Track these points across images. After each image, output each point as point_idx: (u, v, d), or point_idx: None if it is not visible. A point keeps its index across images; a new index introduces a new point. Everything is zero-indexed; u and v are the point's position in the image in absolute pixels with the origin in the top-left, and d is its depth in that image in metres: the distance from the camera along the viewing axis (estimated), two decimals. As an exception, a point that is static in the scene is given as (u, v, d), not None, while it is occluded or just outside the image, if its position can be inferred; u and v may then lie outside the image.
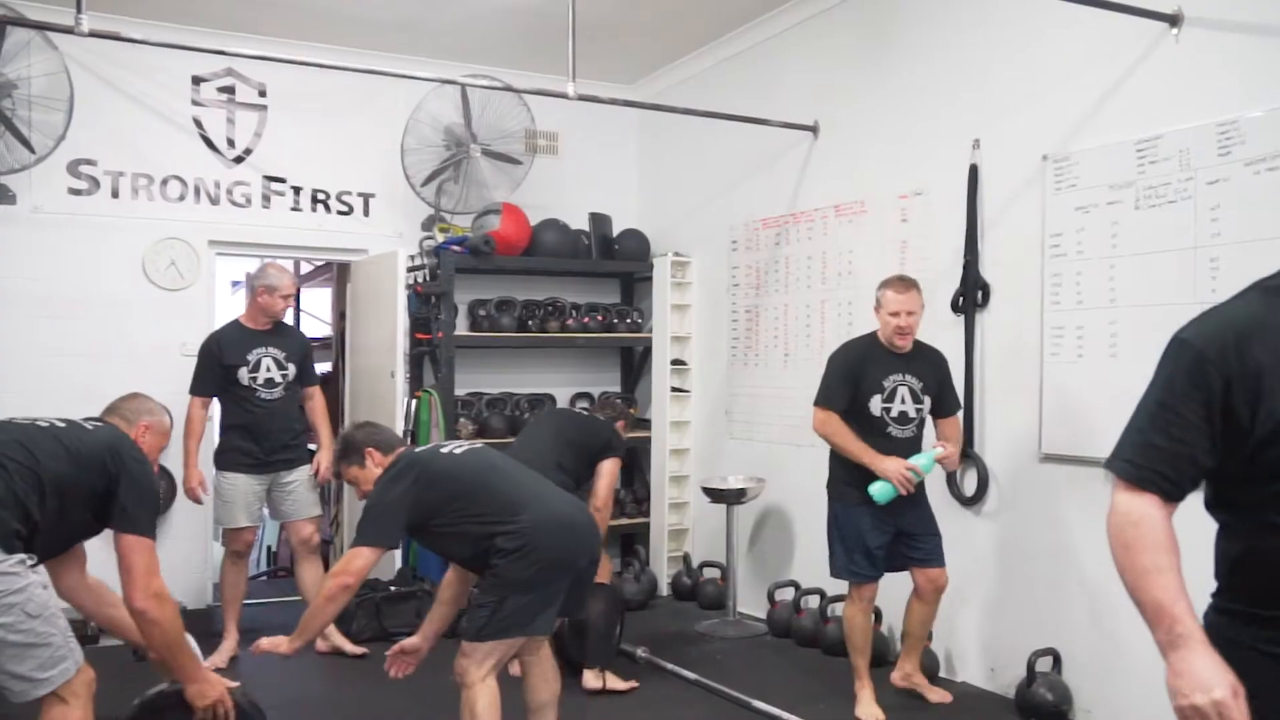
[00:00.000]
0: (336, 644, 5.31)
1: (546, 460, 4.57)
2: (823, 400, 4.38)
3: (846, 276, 5.54)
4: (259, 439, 5.14)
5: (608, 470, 4.89)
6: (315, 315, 9.40)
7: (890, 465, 4.18)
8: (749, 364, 6.28)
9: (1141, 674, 4.02)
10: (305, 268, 8.86)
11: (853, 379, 4.33)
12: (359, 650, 5.31)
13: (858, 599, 4.42)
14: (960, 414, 4.48)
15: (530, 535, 3.22)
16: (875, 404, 4.29)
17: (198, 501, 5.14)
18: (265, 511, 5.46)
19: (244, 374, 5.12)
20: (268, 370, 5.17)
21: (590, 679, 4.63)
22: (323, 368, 8.02)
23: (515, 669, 4.50)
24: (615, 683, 4.67)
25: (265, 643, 3.40)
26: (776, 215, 6.06)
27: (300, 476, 5.28)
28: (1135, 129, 4.05)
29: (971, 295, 4.73)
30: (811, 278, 5.79)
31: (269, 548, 8.87)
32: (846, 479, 4.35)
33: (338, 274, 7.31)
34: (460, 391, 6.65)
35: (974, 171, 4.76)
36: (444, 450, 3.51)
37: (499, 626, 3.22)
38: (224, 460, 5.17)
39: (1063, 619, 4.36)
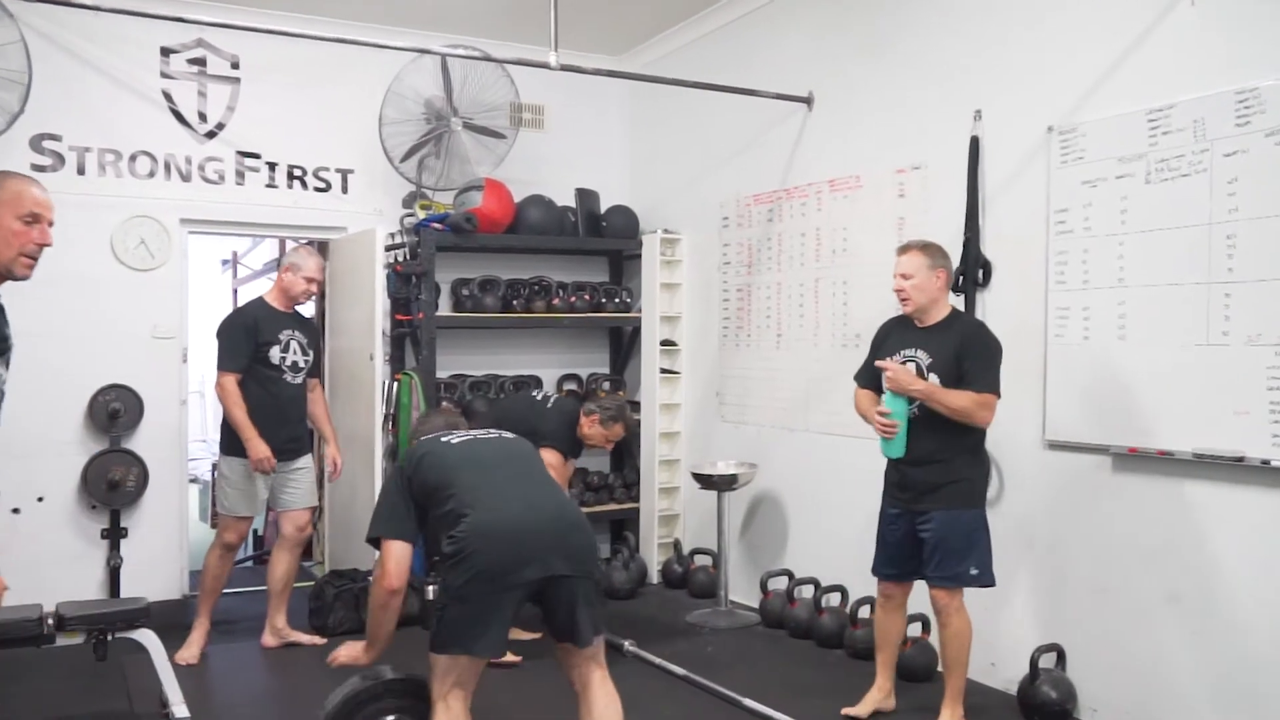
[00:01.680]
0: (292, 639, 5.13)
1: None
2: (857, 377, 4.24)
3: (841, 254, 5.32)
4: (280, 424, 4.96)
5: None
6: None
7: (871, 417, 4.02)
8: (740, 345, 6.07)
9: (1149, 671, 3.86)
10: (290, 246, 8.64)
11: (875, 353, 4.15)
12: (317, 640, 5.15)
13: (879, 595, 4.22)
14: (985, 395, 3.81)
15: (466, 540, 2.96)
16: (885, 379, 4.06)
17: (272, 471, 4.93)
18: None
19: (275, 353, 4.96)
20: (295, 352, 5.03)
21: None
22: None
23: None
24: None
25: (344, 655, 3.27)
26: (769, 191, 5.84)
27: (306, 464, 5.12)
28: (1147, 98, 3.83)
29: (972, 274, 4.52)
30: (805, 255, 5.57)
31: (255, 531, 8.67)
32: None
33: (319, 252, 7.08)
34: (443, 374, 6.45)
35: (975, 144, 4.54)
36: (444, 439, 3.33)
37: (440, 640, 3.01)
38: (238, 446, 4.91)
39: (1067, 613, 4.18)
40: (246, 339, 4.91)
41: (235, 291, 11.88)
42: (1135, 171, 3.86)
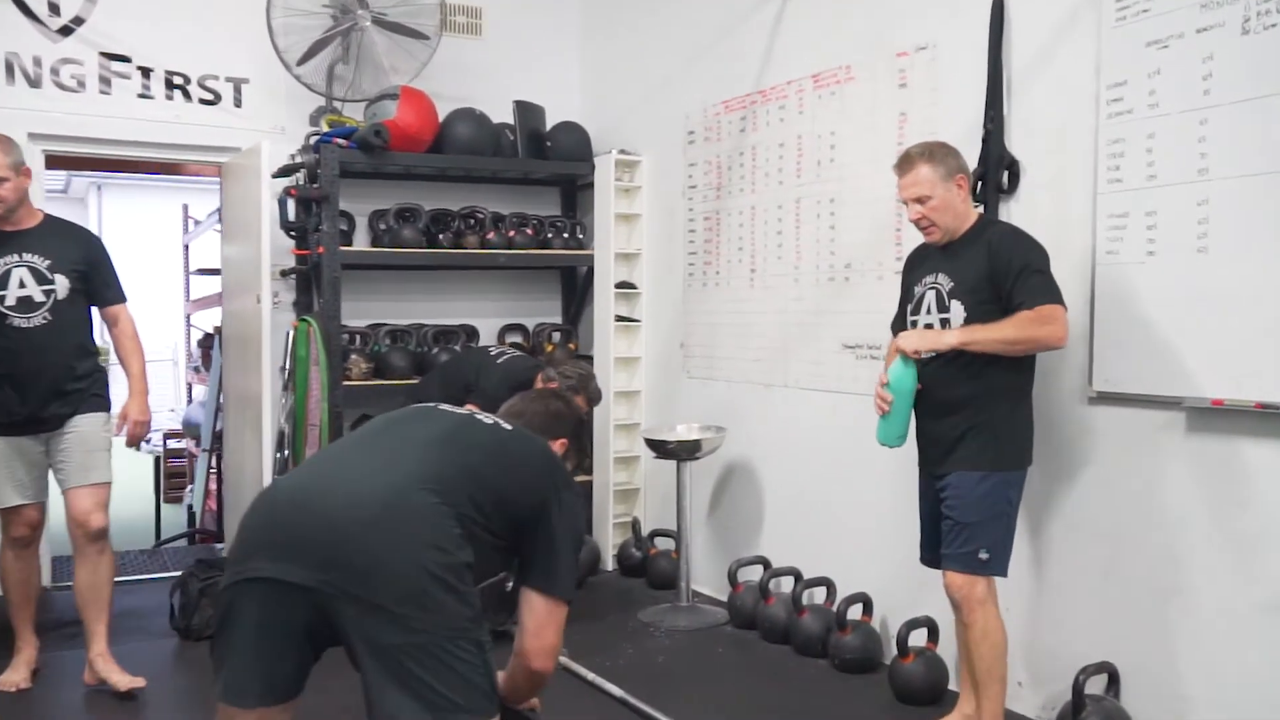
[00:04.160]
0: (101, 675, 3.76)
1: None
2: (891, 324, 3.36)
3: (827, 165, 4.27)
4: (20, 386, 3.66)
5: None
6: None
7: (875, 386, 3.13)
8: (709, 284, 5.02)
9: (1237, 701, 2.84)
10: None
11: (905, 288, 3.24)
12: (137, 683, 3.72)
13: None
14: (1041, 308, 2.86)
15: None
16: (908, 318, 3.18)
17: None
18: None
19: None
20: (20, 286, 3.64)
21: None
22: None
23: None
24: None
25: None
26: (741, 95, 4.77)
27: (80, 428, 3.76)
28: (1244, -87, 2.76)
29: (994, 177, 3.47)
30: (784, 170, 4.51)
31: (189, 508, 7.75)
32: None
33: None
34: (359, 322, 5.45)
35: (999, 10, 3.49)
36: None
37: None
38: None
39: (1122, 623, 3.15)
40: None
41: (186, 248, 10.94)
42: (1226, 19, 2.80)
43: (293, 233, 5.12)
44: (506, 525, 2.12)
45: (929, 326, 3.05)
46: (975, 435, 2.97)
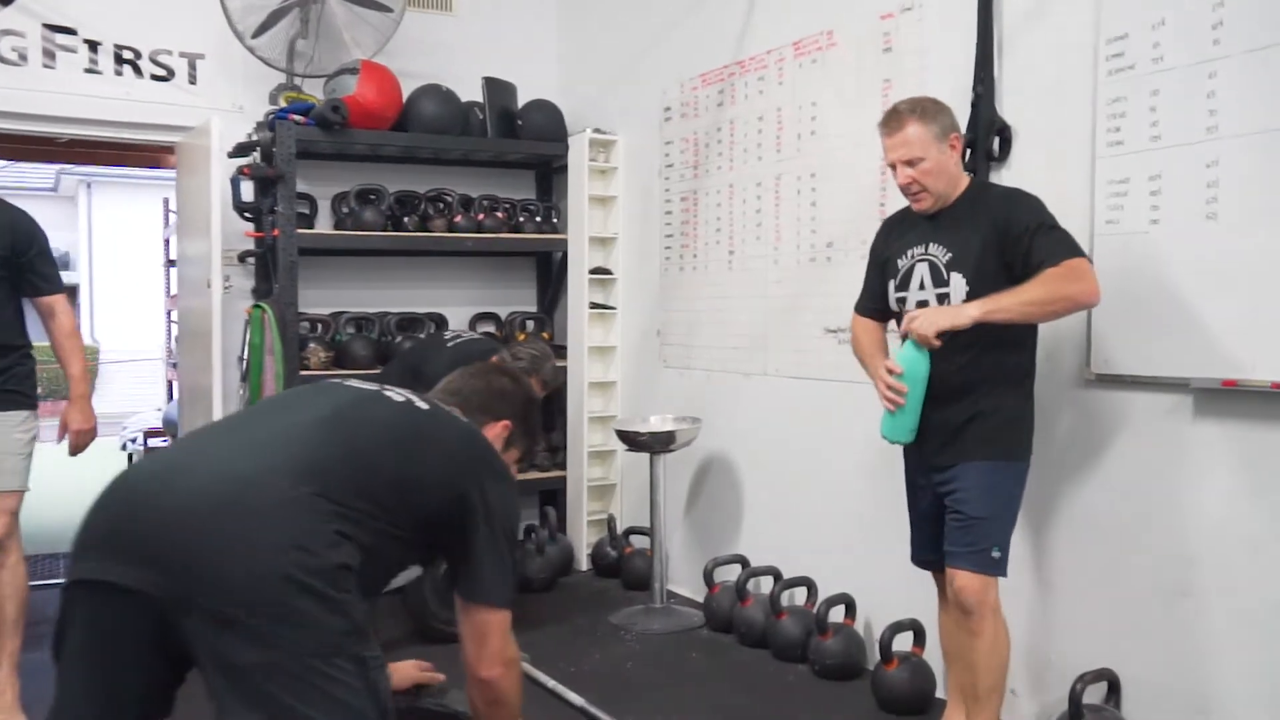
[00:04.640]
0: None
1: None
2: (856, 304, 3.06)
3: (808, 138, 4.01)
4: None
5: None
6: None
7: (876, 371, 2.80)
8: (686, 268, 4.76)
9: (1241, 709, 2.59)
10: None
11: (880, 263, 2.95)
12: None
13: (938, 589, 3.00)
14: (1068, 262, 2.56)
15: None
16: (892, 295, 2.88)
17: None
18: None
19: None
20: None
21: None
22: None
23: None
24: None
25: None
26: (719, 67, 4.51)
27: None
28: None
29: (984, 143, 3.21)
30: (764, 145, 4.25)
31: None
32: None
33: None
34: (321, 309, 5.18)
35: (989, -37, 3.24)
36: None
37: None
38: None
39: (1124, 627, 2.89)
40: None
41: (167, 242, 10.74)
42: (1238, -41, 2.55)
43: (247, 214, 4.86)
44: (415, 520, 1.84)
45: (922, 304, 2.76)
46: (982, 422, 2.68)
